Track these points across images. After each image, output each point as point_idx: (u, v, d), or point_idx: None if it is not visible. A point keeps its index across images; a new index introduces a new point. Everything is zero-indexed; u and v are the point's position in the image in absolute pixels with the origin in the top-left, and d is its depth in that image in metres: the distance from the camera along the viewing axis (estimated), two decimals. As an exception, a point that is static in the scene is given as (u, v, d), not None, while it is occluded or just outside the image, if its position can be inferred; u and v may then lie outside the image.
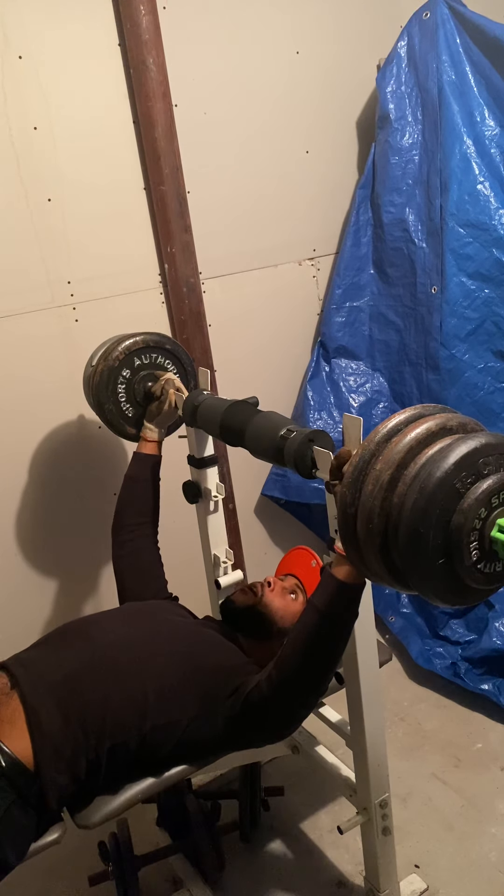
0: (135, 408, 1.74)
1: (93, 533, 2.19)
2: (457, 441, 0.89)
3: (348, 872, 1.74)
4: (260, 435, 1.34)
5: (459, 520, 0.87)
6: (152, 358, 1.74)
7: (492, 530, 0.88)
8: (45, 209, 1.93)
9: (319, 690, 1.31)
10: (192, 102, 2.11)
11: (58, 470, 2.09)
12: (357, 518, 0.96)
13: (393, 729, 2.16)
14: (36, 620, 2.14)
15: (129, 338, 1.72)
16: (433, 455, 0.89)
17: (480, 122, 2.25)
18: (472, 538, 0.88)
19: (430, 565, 0.89)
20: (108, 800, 1.30)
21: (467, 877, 1.69)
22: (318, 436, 1.23)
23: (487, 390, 2.28)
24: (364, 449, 0.96)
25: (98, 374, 1.70)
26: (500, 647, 2.17)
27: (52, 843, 1.25)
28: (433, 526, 0.87)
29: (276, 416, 1.36)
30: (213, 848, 1.70)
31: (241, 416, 1.41)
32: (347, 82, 2.44)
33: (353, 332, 2.51)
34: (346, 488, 0.97)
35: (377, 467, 0.93)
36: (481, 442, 0.88)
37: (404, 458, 0.91)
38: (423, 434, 0.92)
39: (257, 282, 2.38)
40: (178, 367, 1.79)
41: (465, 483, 0.87)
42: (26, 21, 1.82)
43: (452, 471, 0.86)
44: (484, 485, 0.87)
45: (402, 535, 0.89)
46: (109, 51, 1.96)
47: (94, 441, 2.14)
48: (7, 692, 1.30)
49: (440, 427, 0.93)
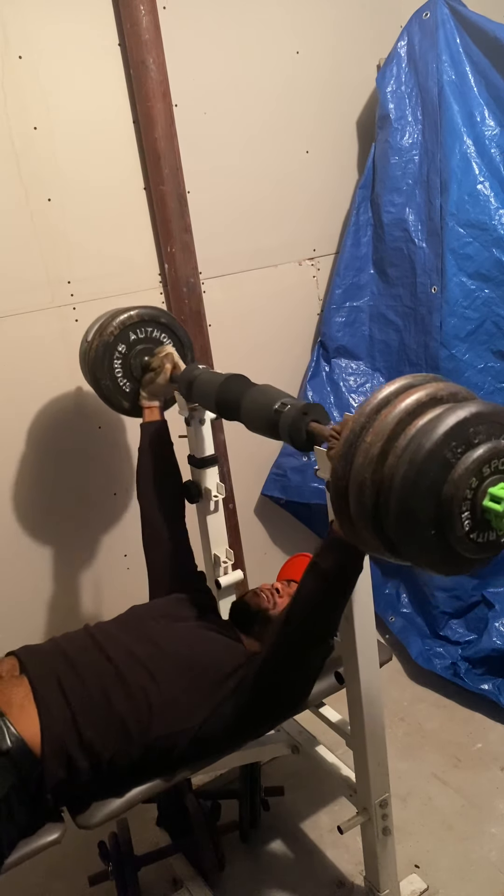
0: (132, 383, 1.74)
1: (94, 530, 2.19)
2: (447, 411, 0.88)
3: (348, 872, 1.74)
4: (254, 409, 1.32)
5: (450, 490, 0.86)
6: (147, 332, 1.73)
7: (483, 499, 0.88)
8: (45, 209, 1.93)
9: (322, 647, 1.33)
10: (192, 102, 2.11)
11: (59, 470, 2.09)
12: (349, 490, 0.95)
13: (393, 729, 2.16)
14: (39, 610, 2.14)
15: (124, 312, 1.70)
16: (423, 426, 0.88)
17: (480, 122, 2.25)
18: (464, 508, 0.87)
19: (423, 536, 0.88)
20: (109, 800, 1.31)
21: (467, 877, 1.69)
22: (312, 409, 1.21)
23: (487, 390, 2.28)
24: (354, 422, 0.95)
25: (94, 350, 1.69)
26: (500, 647, 2.17)
27: (52, 843, 1.26)
28: (424, 497, 0.86)
29: (272, 390, 1.33)
30: (213, 848, 1.70)
31: (237, 390, 1.39)
32: (347, 82, 2.44)
33: (353, 332, 2.51)
34: (337, 461, 0.96)
35: (367, 440, 0.93)
36: (471, 411, 0.87)
37: (394, 429, 0.90)
38: (413, 405, 0.91)
39: (257, 282, 2.38)
40: (175, 342, 1.77)
41: (456, 453, 0.86)
42: (26, 21, 1.82)
43: (442, 441, 0.85)
44: (475, 454, 0.86)
45: (394, 507, 0.89)
46: (109, 51, 1.96)
47: (94, 441, 2.14)
48: (16, 675, 1.32)
49: (430, 397, 0.92)
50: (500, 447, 0.88)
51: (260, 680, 1.33)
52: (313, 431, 1.19)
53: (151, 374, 1.70)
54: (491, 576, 2.29)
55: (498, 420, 0.89)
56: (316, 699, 1.59)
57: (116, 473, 2.19)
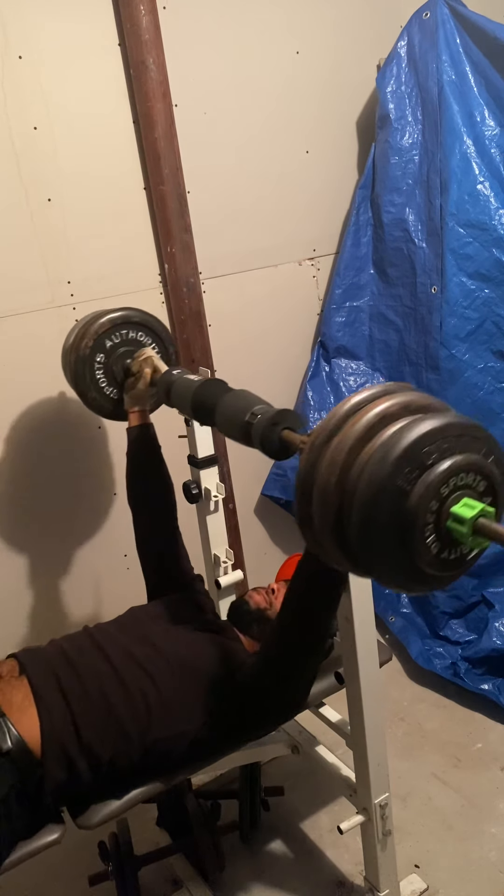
0: (119, 389, 1.70)
1: (94, 530, 2.19)
2: (396, 434, 0.85)
3: (348, 872, 1.74)
4: (228, 417, 1.28)
5: (410, 517, 0.83)
6: (123, 335, 1.68)
7: (447, 520, 0.84)
8: (45, 209, 1.93)
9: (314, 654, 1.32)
10: (192, 102, 2.11)
11: (59, 470, 2.09)
12: (313, 498, 0.93)
13: (393, 729, 2.16)
14: (39, 612, 2.14)
15: (96, 321, 1.65)
16: (374, 455, 0.85)
17: (480, 122, 2.25)
18: (428, 533, 0.85)
19: (387, 560, 0.86)
20: (109, 800, 1.31)
21: (467, 877, 1.69)
22: (283, 418, 1.17)
23: (487, 390, 2.28)
24: (321, 429, 0.93)
25: (73, 366, 1.66)
26: (500, 647, 2.17)
27: (52, 843, 1.26)
28: (385, 527, 0.84)
29: (245, 397, 1.28)
30: (213, 848, 1.70)
31: (212, 397, 1.34)
32: (347, 82, 2.43)
33: (353, 331, 2.51)
34: (303, 466, 0.94)
35: (332, 447, 0.90)
36: (421, 432, 0.83)
37: (346, 460, 0.88)
38: (363, 431, 0.88)
39: (257, 282, 2.37)
40: (155, 339, 1.73)
41: (410, 479, 0.83)
42: (26, 21, 1.82)
43: (393, 471, 0.82)
44: (430, 478, 0.83)
45: (356, 521, 0.86)
46: (109, 51, 1.96)
47: (95, 441, 2.14)
48: (16, 676, 1.32)
49: (379, 418, 0.88)
50: (456, 465, 0.84)
51: (257, 683, 1.33)
52: (286, 440, 1.16)
53: (132, 378, 1.66)
54: (491, 576, 2.29)
55: (453, 434, 0.85)
56: (316, 699, 1.59)
57: (116, 473, 2.18)
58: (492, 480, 0.87)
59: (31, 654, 1.40)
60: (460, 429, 0.85)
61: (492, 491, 0.88)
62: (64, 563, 2.15)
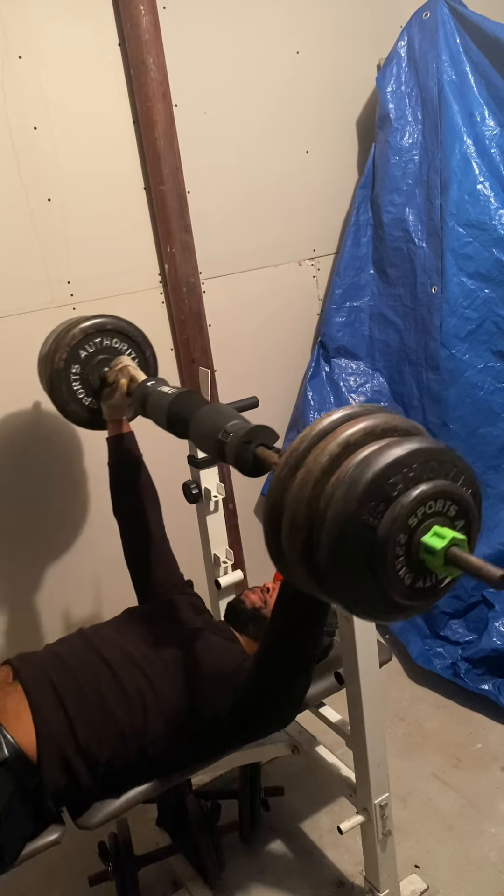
0: (97, 399, 1.66)
1: (94, 530, 2.19)
2: (360, 466, 0.82)
3: (348, 872, 1.74)
4: (202, 435, 1.26)
5: (380, 551, 0.81)
6: (97, 344, 1.63)
7: (419, 552, 0.82)
8: (45, 209, 1.93)
9: (295, 678, 1.30)
10: (192, 102, 2.11)
11: (57, 470, 2.09)
12: (282, 521, 0.90)
13: (393, 729, 2.16)
14: (35, 615, 2.14)
15: (69, 331, 1.61)
16: (338, 490, 0.82)
17: (480, 122, 2.25)
18: (400, 566, 0.82)
19: (360, 594, 0.85)
20: (108, 800, 1.31)
21: (467, 877, 1.69)
22: (256, 435, 1.15)
23: (487, 390, 2.28)
24: (293, 450, 0.90)
25: (49, 380, 1.62)
26: (500, 647, 2.17)
27: (52, 843, 1.26)
28: (355, 562, 0.82)
29: (218, 413, 1.25)
30: (213, 848, 1.70)
31: (186, 412, 1.31)
32: (347, 82, 2.43)
33: (353, 332, 2.51)
34: (273, 486, 0.92)
35: (292, 496, 0.88)
36: (384, 462, 0.80)
37: (312, 494, 0.86)
38: (326, 464, 0.85)
39: (257, 282, 2.37)
40: (133, 347, 1.69)
41: (376, 513, 0.81)
42: (26, 21, 1.82)
43: (358, 507, 0.80)
44: (396, 510, 0.80)
45: (324, 565, 0.84)
46: (109, 51, 1.96)
47: (95, 440, 2.13)
48: (10, 682, 1.31)
49: (342, 447, 0.85)
50: (423, 494, 0.81)
51: (248, 698, 1.31)
52: (260, 457, 1.14)
53: (108, 388, 1.61)
54: (491, 576, 2.29)
55: (419, 460, 0.82)
56: (316, 699, 1.59)
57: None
58: (462, 504, 0.85)
59: (25, 660, 1.39)
60: (426, 455, 0.82)
61: (464, 514, 0.85)
62: (61, 564, 2.15)
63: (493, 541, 2.25)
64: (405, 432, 0.89)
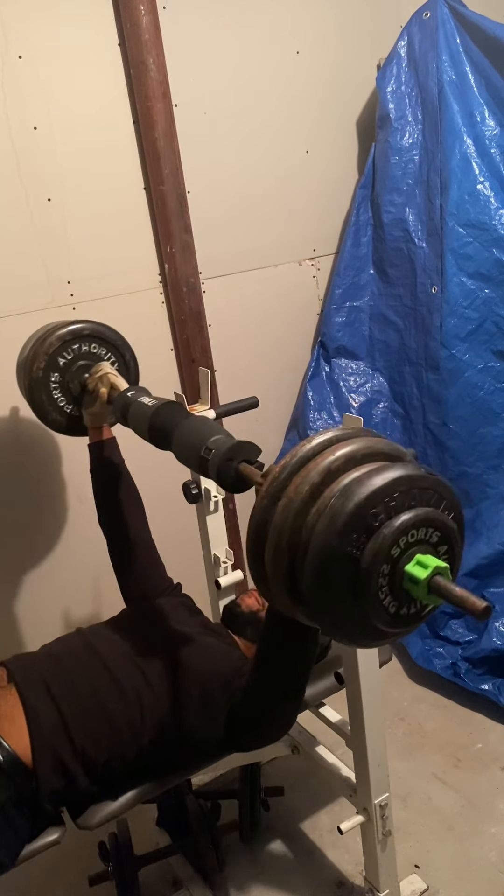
0: (78, 406, 1.63)
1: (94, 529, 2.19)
2: (342, 496, 0.81)
3: (348, 872, 1.74)
4: (184, 449, 1.24)
5: (363, 582, 0.81)
6: (75, 350, 1.60)
7: (402, 581, 0.82)
8: (45, 209, 1.93)
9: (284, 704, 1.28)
10: (192, 102, 2.11)
11: (56, 470, 2.09)
12: (265, 547, 0.89)
13: (393, 729, 2.16)
14: (34, 616, 2.14)
15: (45, 339, 1.57)
16: (320, 521, 0.82)
17: (480, 121, 2.25)
18: (384, 595, 0.83)
19: (344, 623, 0.85)
20: (108, 801, 1.31)
21: (467, 877, 1.69)
22: (237, 451, 1.13)
23: (487, 390, 2.28)
24: (276, 475, 0.89)
25: (27, 389, 1.59)
26: (500, 647, 2.17)
27: (52, 843, 1.26)
28: (338, 593, 0.82)
29: (200, 427, 1.24)
30: (213, 848, 1.70)
31: (169, 426, 1.28)
32: (347, 82, 2.43)
33: (353, 332, 2.51)
34: (257, 510, 0.91)
35: (274, 527, 0.87)
36: (365, 493, 0.80)
37: (294, 524, 0.85)
38: (307, 494, 0.85)
39: (257, 282, 2.37)
40: (112, 351, 1.66)
41: (358, 545, 0.81)
42: (26, 21, 1.82)
43: (340, 540, 0.80)
44: (378, 541, 0.80)
45: (308, 595, 0.84)
46: (109, 51, 1.96)
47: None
48: (4, 685, 1.30)
49: (323, 476, 0.85)
50: (405, 524, 0.81)
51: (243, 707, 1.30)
52: (243, 474, 1.13)
53: (88, 396, 1.58)
54: (491, 576, 2.29)
55: (401, 489, 0.82)
56: (316, 699, 1.59)
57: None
58: (445, 530, 0.85)
59: (20, 662, 1.38)
60: (407, 483, 0.82)
61: (447, 539, 0.85)
62: (59, 564, 2.15)
63: (493, 541, 2.25)
64: (387, 457, 0.88)
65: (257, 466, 1.13)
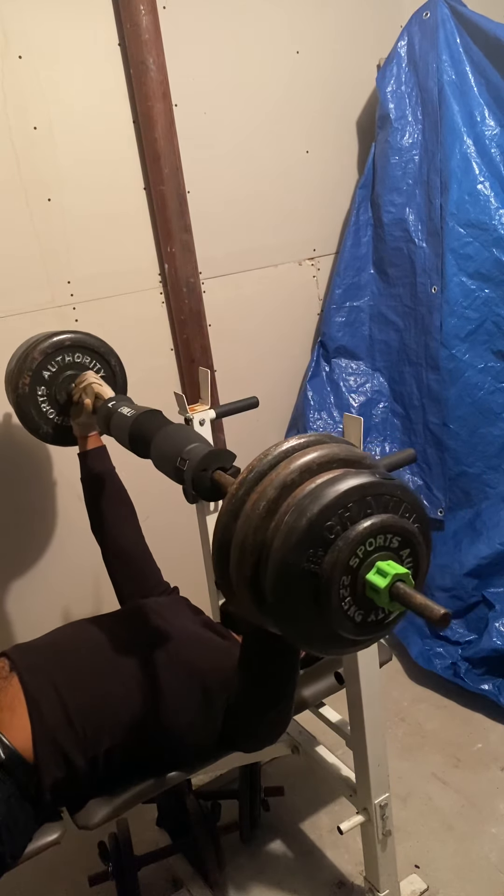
0: (66, 416, 1.64)
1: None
2: (296, 511, 0.81)
3: (348, 872, 1.74)
4: (161, 460, 1.24)
5: (324, 595, 0.81)
6: (59, 362, 1.60)
7: (364, 590, 0.82)
8: (45, 209, 1.93)
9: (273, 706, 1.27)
10: (192, 102, 2.11)
11: (57, 465, 2.09)
12: (231, 550, 0.90)
13: (393, 729, 2.16)
14: (38, 606, 2.14)
15: (29, 353, 1.57)
16: (277, 538, 0.82)
17: (480, 121, 2.25)
18: (347, 606, 0.82)
19: (311, 635, 0.85)
20: (108, 800, 1.30)
21: (467, 877, 1.69)
22: (210, 461, 1.13)
23: (487, 390, 2.28)
24: (243, 478, 0.89)
25: (15, 404, 1.59)
26: (500, 647, 2.17)
27: (52, 843, 1.26)
28: (301, 607, 0.82)
29: (176, 437, 1.23)
30: (213, 848, 1.70)
31: (147, 435, 1.29)
32: (347, 82, 2.44)
33: (353, 332, 2.51)
34: (223, 514, 0.90)
35: (253, 498, 0.87)
36: (318, 507, 0.80)
37: (254, 540, 0.85)
38: (264, 511, 0.85)
39: (257, 282, 2.38)
40: (96, 359, 1.65)
41: (316, 559, 0.81)
42: (26, 21, 1.82)
43: (297, 556, 0.80)
44: (335, 554, 0.80)
45: (272, 609, 0.85)
46: (109, 51, 1.96)
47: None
48: (5, 676, 1.30)
49: (279, 491, 0.85)
50: (361, 534, 0.80)
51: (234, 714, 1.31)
52: (218, 482, 1.13)
53: (75, 407, 1.59)
54: (491, 576, 2.29)
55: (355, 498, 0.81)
56: (316, 699, 1.59)
57: (118, 470, 2.18)
58: (405, 535, 0.84)
59: (21, 651, 1.38)
60: (360, 492, 0.81)
61: (408, 543, 0.85)
62: (61, 557, 2.15)
63: (493, 541, 2.25)
64: (345, 463, 0.88)
65: (232, 473, 1.13)
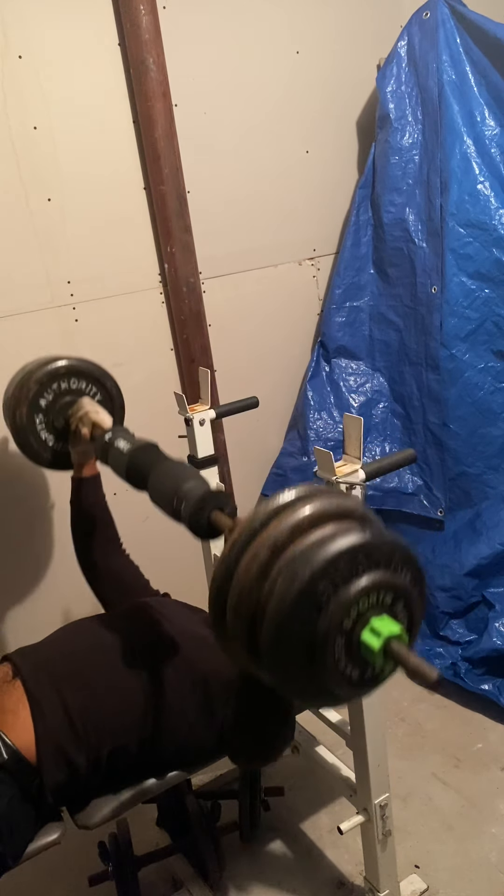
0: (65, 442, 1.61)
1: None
2: (288, 575, 0.81)
3: (348, 872, 1.74)
4: (158, 498, 1.25)
5: (320, 655, 0.81)
6: (55, 390, 1.57)
7: (359, 649, 0.83)
8: (45, 209, 1.93)
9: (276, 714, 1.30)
10: (192, 102, 2.11)
11: (64, 481, 2.09)
12: (227, 600, 0.90)
13: (393, 729, 2.16)
14: (38, 608, 2.14)
15: (23, 384, 1.55)
16: (271, 602, 0.82)
17: (480, 121, 2.25)
18: (343, 664, 0.83)
19: (301, 689, 0.86)
20: (109, 800, 1.31)
21: (467, 877, 1.69)
22: (206, 502, 1.14)
23: (487, 390, 2.28)
24: (243, 528, 0.89)
25: (14, 434, 1.58)
26: (500, 647, 2.17)
27: (52, 843, 1.26)
28: (296, 667, 0.82)
29: (172, 474, 1.24)
30: (213, 848, 1.70)
31: (144, 471, 1.28)
32: (347, 82, 2.44)
33: (353, 332, 2.51)
34: (220, 564, 0.90)
35: (252, 552, 0.87)
36: (309, 573, 0.79)
37: (248, 603, 0.85)
38: (257, 572, 0.85)
39: (257, 282, 2.38)
40: (92, 383, 1.63)
41: (311, 621, 0.81)
42: (26, 21, 1.82)
43: (290, 620, 0.80)
44: (327, 618, 0.80)
45: (267, 665, 0.85)
46: (109, 51, 1.96)
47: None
48: (9, 680, 1.31)
49: (270, 552, 0.85)
50: (351, 596, 0.80)
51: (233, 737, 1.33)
52: (214, 522, 1.15)
53: (73, 436, 1.57)
54: (491, 576, 2.29)
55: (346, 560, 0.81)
56: (316, 699, 1.59)
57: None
58: (397, 590, 0.84)
59: (24, 654, 1.38)
60: (351, 553, 0.81)
61: (401, 597, 0.85)
62: (61, 558, 2.15)
63: (493, 541, 2.25)
64: (335, 517, 0.88)
65: (228, 512, 1.14)
